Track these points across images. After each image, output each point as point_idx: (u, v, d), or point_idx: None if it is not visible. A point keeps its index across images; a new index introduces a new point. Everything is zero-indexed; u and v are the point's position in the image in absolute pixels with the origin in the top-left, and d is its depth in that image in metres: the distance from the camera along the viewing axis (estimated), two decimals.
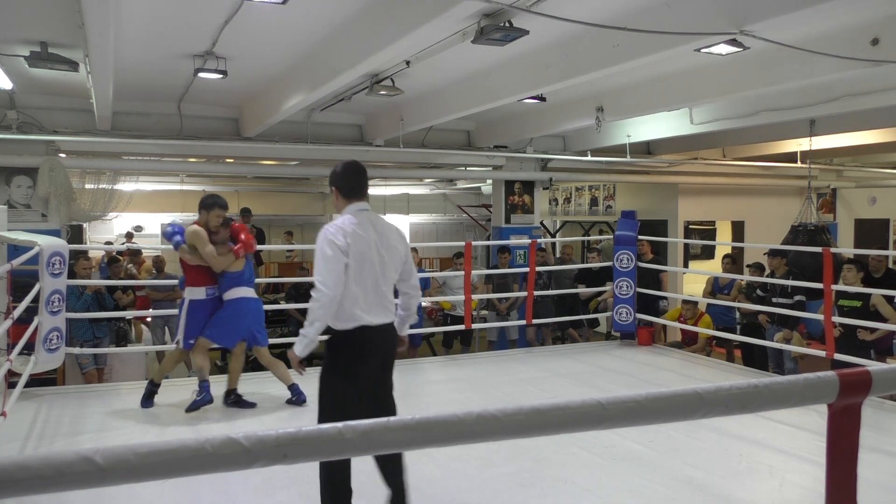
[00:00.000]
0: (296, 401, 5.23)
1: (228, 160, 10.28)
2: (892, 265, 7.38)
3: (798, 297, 6.93)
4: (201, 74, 6.41)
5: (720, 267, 8.95)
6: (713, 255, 13.12)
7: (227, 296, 5.12)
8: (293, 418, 5.02)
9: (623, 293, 7.59)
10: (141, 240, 15.75)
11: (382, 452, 1.30)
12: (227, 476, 3.06)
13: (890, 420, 4.94)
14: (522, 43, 5.10)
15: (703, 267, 12.85)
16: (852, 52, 5.24)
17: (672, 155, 11.45)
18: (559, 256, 10.30)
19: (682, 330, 8.18)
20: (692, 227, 12.96)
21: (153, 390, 5.31)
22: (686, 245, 12.54)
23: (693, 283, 11.52)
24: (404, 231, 17.89)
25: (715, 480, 3.85)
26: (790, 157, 10.82)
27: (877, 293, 6.09)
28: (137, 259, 10.38)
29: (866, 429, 1.61)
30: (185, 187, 14.83)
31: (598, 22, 4.79)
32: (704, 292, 8.63)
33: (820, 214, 11.13)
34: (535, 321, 7.90)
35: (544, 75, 6.17)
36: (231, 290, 5.12)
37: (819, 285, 5.90)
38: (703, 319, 8.08)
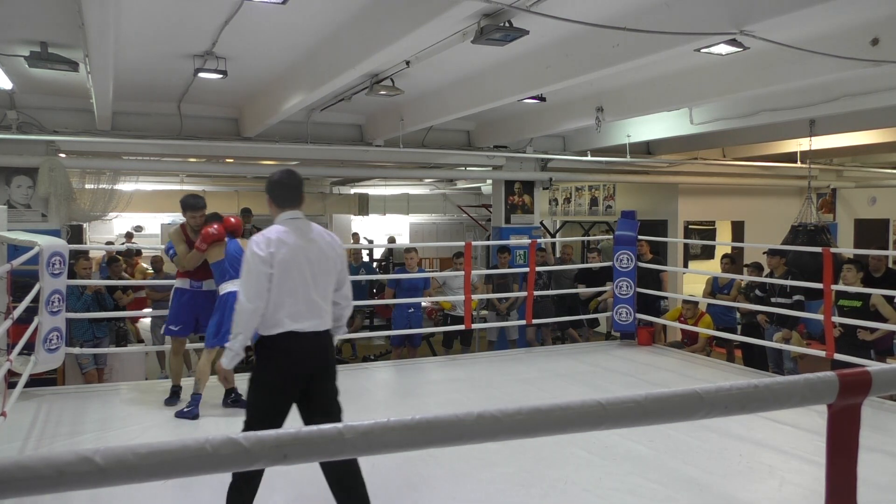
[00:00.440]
0: (232, 403, 5.24)
1: (228, 160, 10.28)
2: (893, 265, 7.37)
3: (797, 297, 6.93)
4: (201, 74, 6.41)
5: (720, 267, 8.95)
6: (713, 255, 13.11)
7: (221, 289, 5.13)
8: (292, 418, 5.01)
9: (623, 293, 7.59)
10: (141, 240, 15.76)
11: (382, 453, 1.29)
12: (227, 476, 3.06)
13: (890, 420, 4.94)
14: (522, 43, 5.10)
15: (703, 267, 12.85)
16: (852, 52, 5.23)
17: (672, 155, 11.45)
18: (559, 256, 10.30)
19: (682, 330, 8.18)
20: (692, 227, 12.96)
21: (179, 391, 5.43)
22: (686, 245, 12.54)
23: (693, 283, 11.52)
24: (403, 231, 17.78)
25: (715, 480, 3.85)
26: (790, 157, 10.82)
27: (877, 293, 6.09)
28: (130, 260, 10.34)
29: (866, 429, 1.61)
30: (185, 187, 14.81)
31: (598, 22, 4.79)
32: (704, 292, 8.64)
33: (820, 214, 11.12)
34: (534, 321, 7.90)
35: (544, 75, 6.17)
36: (223, 283, 5.12)
37: (819, 285, 5.90)
38: (703, 319, 8.08)
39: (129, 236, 14.97)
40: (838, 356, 5.65)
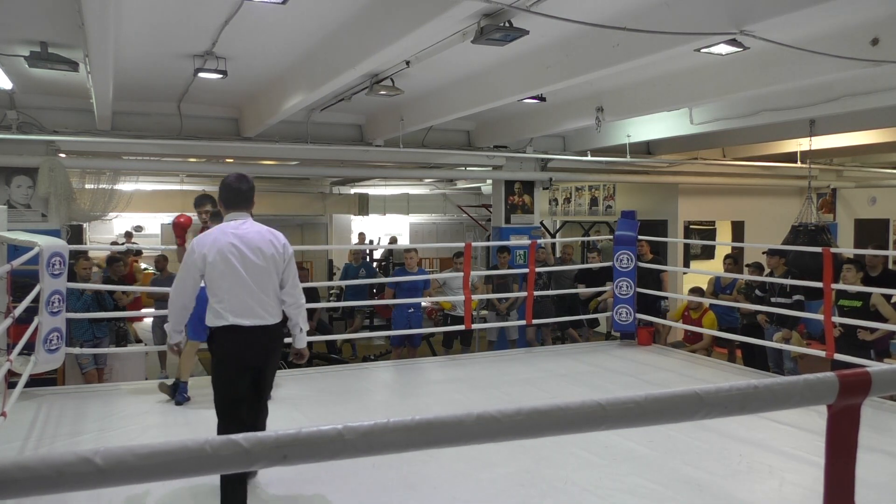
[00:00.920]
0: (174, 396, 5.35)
1: (228, 160, 10.26)
2: (893, 265, 7.37)
3: (797, 297, 6.93)
4: (201, 74, 6.41)
5: (720, 267, 8.95)
6: (713, 255, 13.11)
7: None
8: (292, 418, 5.02)
9: (623, 293, 7.59)
10: (141, 240, 15.76)
11: (382, 453, 1.30)
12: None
13: (890, 420, 4.94)
14: (522, 43, 5.10)
15: (703, 267, 12.85)
16: (852, 52, 5.23)
17: (672, 155, 11.45)
18: (559, 256, 10.31)
19: (684, 330, 8.17)
20: (692, 227, 12.95)
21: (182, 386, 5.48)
22: (686, 245, 12.54)
23: (693, 283, 11.50)
24: (402, 232, 17.73)
25: (715, 480, 3.85)
26: (790, 157, 10.82)
27: (877, 293, 6.09)
28: (125, 260, 10.30)
29: (866, 429, 1.61)
30: (185, 187, 14.81)
31: (598, 22, 4.79)
32: (706, 292, 8.63)
33: (820, 214, 11.12)
34: (534, 321, 7.90)
35: (544, 75, 6.17)
36: None
37: (819, 285, 5.89)
38: (707, 315, 8.07)
39: (128, 236, 14.97)
40: (838, 356, 5.64)
